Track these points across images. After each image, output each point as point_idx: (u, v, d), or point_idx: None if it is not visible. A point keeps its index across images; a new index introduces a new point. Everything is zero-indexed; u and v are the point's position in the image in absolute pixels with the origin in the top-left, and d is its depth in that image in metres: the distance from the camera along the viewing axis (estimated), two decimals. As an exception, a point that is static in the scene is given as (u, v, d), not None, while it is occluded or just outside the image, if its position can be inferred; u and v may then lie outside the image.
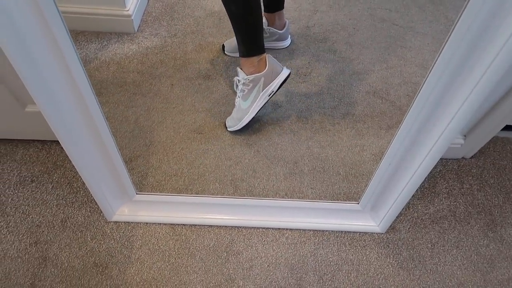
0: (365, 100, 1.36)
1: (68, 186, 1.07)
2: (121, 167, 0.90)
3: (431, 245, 1.02)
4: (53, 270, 0.95)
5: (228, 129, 1.21)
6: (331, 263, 0.99)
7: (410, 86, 1.41)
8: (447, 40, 0.59)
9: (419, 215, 1.07)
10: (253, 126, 1.24)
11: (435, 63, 0.63)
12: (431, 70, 0.65)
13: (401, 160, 0.84)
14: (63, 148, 0.75)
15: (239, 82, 1.18)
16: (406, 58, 1.53)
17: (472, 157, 1.18)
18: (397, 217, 1.03)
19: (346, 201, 1.08)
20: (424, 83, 0.67)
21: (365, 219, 1.03)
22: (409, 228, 1.04)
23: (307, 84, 1.40)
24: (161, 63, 1.43)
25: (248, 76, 1.14)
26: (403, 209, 1.06)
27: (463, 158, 1.18)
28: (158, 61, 1.44)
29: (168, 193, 1.06)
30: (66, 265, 0.96)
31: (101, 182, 0.89)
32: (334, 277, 0.97)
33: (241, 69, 1.17)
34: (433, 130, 0.73)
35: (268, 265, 0.98)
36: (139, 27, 1.57)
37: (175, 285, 0.95)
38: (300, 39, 1.57)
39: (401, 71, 1.47)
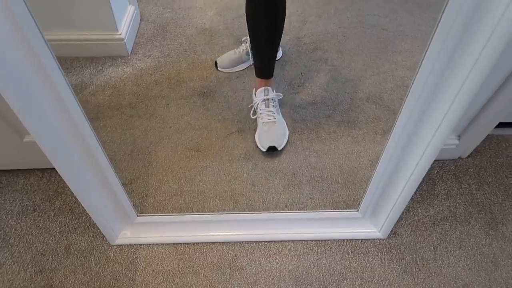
0: (359, 107, 1.37)
1: (70, 213, 1.08)
2: (121, 192, 0.91)
3: (433, 248, 1.02)
4: (59, 297, 0.95)
5: (279, 148, 1.21)
6: (335, 272, 0.99)
7: (403, 89, 1.43)
8: (431, 39, 0.60)
9: (420, 218, 1.07)
10: (249, 139, 1.26)
11: (421, 63, 0.64)
12: (418, 71, 0.65)
13: (396, 163, 0.85)
14: (61, 177, 0.77)
15: (272, 101, 1.26)
16: (397, 62, 1.54)
17: (468, 156, 1.19)
18: (398, 221, 1.03)
19: (346, 209, 1.08)
20: (412, 85, 0.68)
21: (366, 225, 1.03)
22: (410, 232, 1.05)
23: (301, 95, 1.41)
24: (156, 84, 1.45)
25: (278, 93, 1.30)
26: (403, 213, 1.06)
27: (459, 158, 1.19)
28: (152, 81, 1.46)
29: (169, 213, 1.07)
30: (72, 291, 0.96)
31: (101, 208, 0.90)
32: (339, 286, 0.97)
33: (271, 88, 1.27)
34: (426, 131, 0.73)
35: (272, 279, 0.98)
36: (132, 49, 1.59)
37: (181, 304, 0.95)
38: (292, 50, 1.59)
39: (393, 75, 1.49)
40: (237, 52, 1.47)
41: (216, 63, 1.49)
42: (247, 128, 1.30)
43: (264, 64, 1.22)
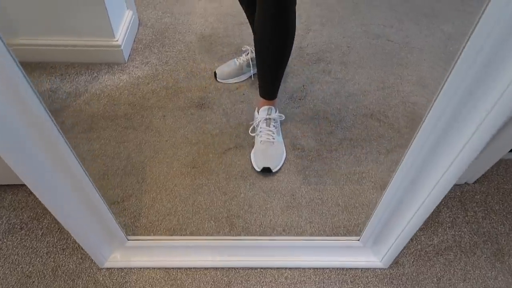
0: (362, 124, 1.32)
1: (58, 232, 1.04)
2: (108, 214, 0.86)
3: (436, 279, 0.98)
4: (44, 323, 0.91)
5: (274, 170, 1.16)
6: (333, 303, 0.95)
7: (408, 106, 1.38)
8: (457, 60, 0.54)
9: (423, 247, 1.03)
10: (247, 156, 1.21)
11: (442, 86, 0.58)
12: (437, 96, 0.59)
13: (405, 192, 0.79)
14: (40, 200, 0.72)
15: (274, 121, 1.22)
16: (403, 76, 1.49)
17: (475, 182, 1.14)
18: (400, 250, 0.99)
19: (346, 234, 1.04)
20: (431, 108, 0.62)
21: (367, 254, 0.99)
22: (413, 262, 1.00)
23: (302, 109, 1.37)
24: (153, 93, 1.41)
25: (280, 114, 1.25)
26: (406, 241, 1.02)
27: (465, 183, 1.14)
28: (149, 91, 1.41)
29: (161, 235, 1.03)
30: (58, 317, 0.92)
31: (86, 231, 0.86)
32: (337, 319, 0.93)
33: (275, 108, 1.23)
34: (443, 157, 0.67)
35: (267, 308, 0.94)
36: (129, 56, 1.55)
37: (172, 334, 0.91)
38: (294, 61, 1.55)
39: (398, 90, 1.44)
40: (238, 63, 1.42)
41: (215, 74, 1.44)
42: (245, 143, 1.25)
43: (269, 85, 1.17)
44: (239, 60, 1.42)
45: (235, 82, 1.44)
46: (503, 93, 0.52)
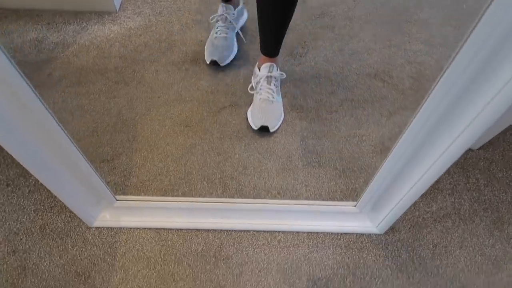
0: (365, 84, 1.26)
1: (46, 190, 1.01)
2: (94, 175, 0.82)
3: (432, 246, 0.96)
4: (33, 280, 0.90)
5: (272, 130, 1.12)
6: (326, 267, 0.93)
7: (414, 66, 1.30)
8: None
9: (421, 214, 1.00)
10: (243, 116, 1.16)
11: (466, 39, 0.50)
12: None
13: (409, 159, 0.74)
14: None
15: (275, 79, 1.15)
16: (411, 33, 1.40)
17: (479, 148, 1.10)
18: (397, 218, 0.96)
19: (342, 199, 1.01)
20: (449, 65, 0.55)
21: (362, 220, 0.96)
22: (409, 228, 0.98)
23: (303, 67, 1.29)
24: (145, 46, 1.33)
25: (282, 72, 1.17)
26: (403, 207, 0.99)
27: (469, 149, 1.10)
28: (141, 43, 1.33)
29: (152, 195, 1.00)
30: (47, 274, 0.91)
31: (72, 192, 0.82)
32: (329, 282, 0.92)
33: (277, 65, 1.16)
34: (458, 120, 0.60)
35: (259, 271, 0.93)
36: (121, 5, 1.45)
37: (162, 293, 0.90)
38: (296, 14, 1.43)
39: (405, 49, 1.36)
40: (227, 38, 1.28)
41: (212, 61, 1.25)
42: (241, 102, 1.19)
43: (272, 43, 1.10)
44: (228, 34, 1.28)
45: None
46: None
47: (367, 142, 1.12)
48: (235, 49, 1.29)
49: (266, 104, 1.11)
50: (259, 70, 1.15)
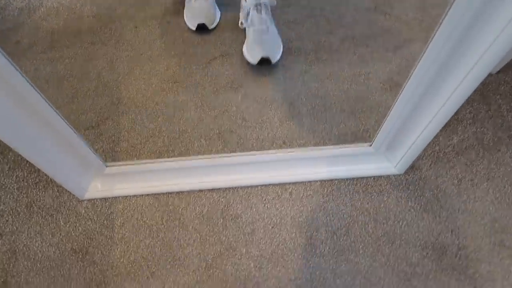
0: (365, 19, 1.15)
1: (27, 165, 0.91)
2: (79, 142, 0.72)
3: (457, 181, 0.88)
4: (26, 263, 0.82)
5: (273, 61, 1.02)
6: (344, 215, 0.86)
7: (417, -6, 1.19)
8: None
9: (442, 148, 0.91)
10: (236, 64, 1.05)
11: None
12: None
13: (426, 90, 0.66)
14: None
15: (265, 7, 1.03)
16: (409, -39, 1.28)
17: (498, 72, 1.00)
18: (417, 155, 0.88)
19: (355, 142, 0.92)
20: None
21: (379, 161, 0.88)
22: (430, 165, 0.90)
23: (296, 7, 1.18)
24: (120, 2, 1.20)
25: None
26: (422, 143, 0.90)
27: (489, 74, 1.00)
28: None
29: (145, 159, 0.91)
30: (40, 255, 0.82)
31: (57, 163, 0.73)
32: (350, 231, 0.84)
33: None
34: (480, 38, 0.53)
35: (272, 227, 0.85)
36: (87, -39, 1.30)
37: (169, 262, 0.82)
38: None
39: (405, -23, 1.24)
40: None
41: (199, 26, 1.10)
42: (232, 50, 1.08)
43: None
44: None
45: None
46: None
47: (374, 80, 1.03)
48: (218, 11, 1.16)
49: (261, 34, 1.00)
50: (245, 0, 1.04)
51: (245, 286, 0.82)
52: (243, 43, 1.06)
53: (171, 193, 0.88)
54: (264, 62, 0.99)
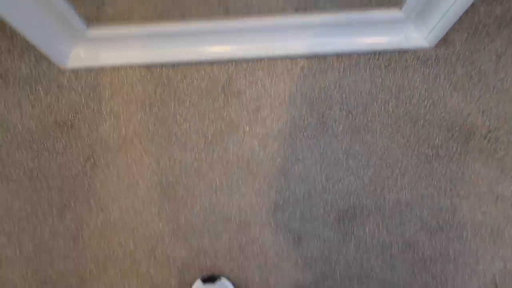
0: None
1: (-2, 28, 0.79)
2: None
3: (496, 57, 0.76)
4: (5, 134, 0.74)
5: None
6: (362, 93, 0.75)
7: None
8: None
9: (481, 19, 0.78)
10: None
11: None
12: None
13: None
14: None
15: None
16: None
17: None
18: (452, 24, 0.75)
19: (381, 6, 0.78)
20: None
21: (407, 30, 0.75)
22: (466, 39, 0.77)
23: None
24: None
25: None
26: (458, 13, 0.77)
27: None
28: None
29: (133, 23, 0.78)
30: (20, 128, 0.74)
31: (36, 23, 0.61)
32: (367, 110, 0.75)
33: None
34: None
35: (280, 104, 0.75)
36: None
37: (164, 137, 0.74)
38: None
39: None
40: None
41: None
42: None
43: None
44: None
45: None
46: None
47: None
48: None
49: None
50: None
51: (248, 165, 0.75)
52: None
53: (165, 64, 0.76)
54: None
